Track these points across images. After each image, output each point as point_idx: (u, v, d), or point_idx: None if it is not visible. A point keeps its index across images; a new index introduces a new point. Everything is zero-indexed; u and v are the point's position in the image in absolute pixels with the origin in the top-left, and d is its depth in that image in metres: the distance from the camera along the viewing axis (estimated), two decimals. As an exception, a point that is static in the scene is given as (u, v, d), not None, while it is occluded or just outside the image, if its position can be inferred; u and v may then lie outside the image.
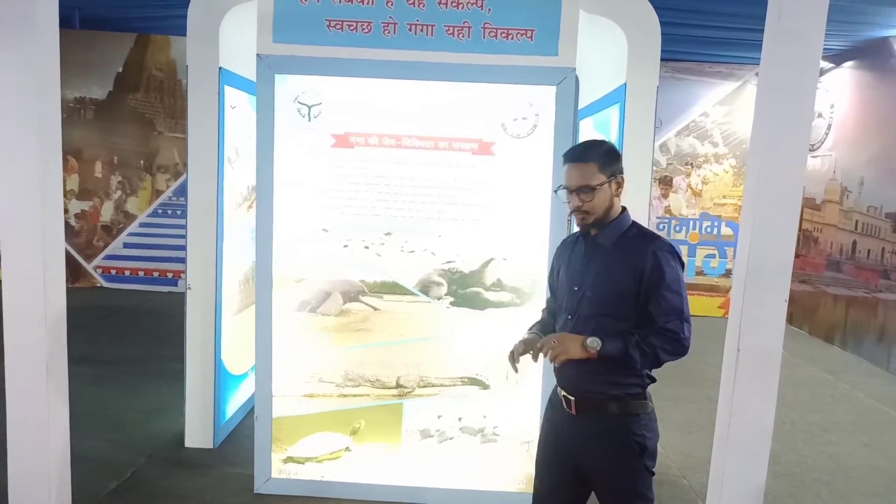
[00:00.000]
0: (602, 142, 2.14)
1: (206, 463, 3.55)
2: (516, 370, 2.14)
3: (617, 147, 2.18)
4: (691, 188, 7.97)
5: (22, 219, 2.68)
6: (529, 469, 3.14)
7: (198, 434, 3.73)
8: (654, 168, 7.62)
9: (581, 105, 4.34)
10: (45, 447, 2.77)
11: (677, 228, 7.98)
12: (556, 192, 2.14)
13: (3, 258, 2.71)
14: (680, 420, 4.54)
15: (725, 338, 2.47)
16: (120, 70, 7.69)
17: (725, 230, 7.96)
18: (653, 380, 2.08)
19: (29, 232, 2.69)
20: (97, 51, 7.56)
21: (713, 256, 7.98)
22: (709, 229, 7.98)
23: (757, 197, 2.34)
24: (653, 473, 2.07)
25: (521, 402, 3.14)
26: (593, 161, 1.99)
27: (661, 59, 3.39)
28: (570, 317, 2.07)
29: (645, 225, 3.43)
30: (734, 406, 2.42)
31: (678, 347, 1.95)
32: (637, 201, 3.44)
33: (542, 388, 3.08)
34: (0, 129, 2.64)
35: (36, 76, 2.58)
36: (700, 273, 7.99)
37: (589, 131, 4.27)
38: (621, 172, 2.05)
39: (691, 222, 7.98)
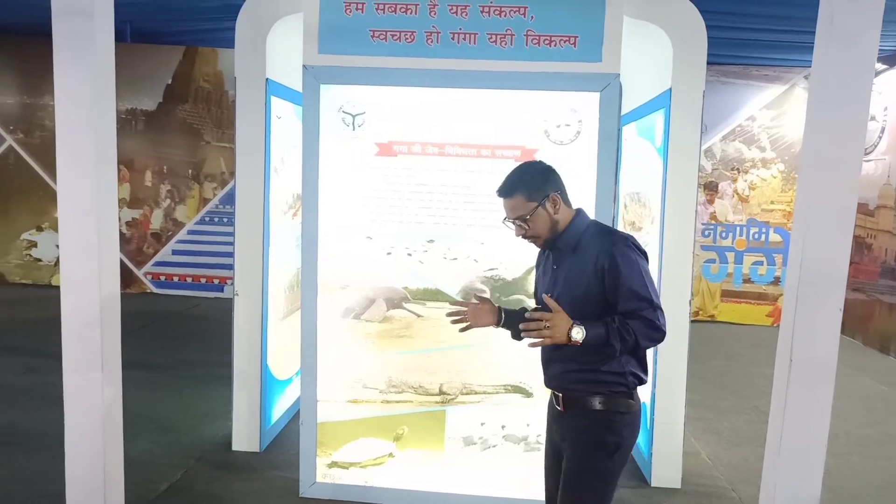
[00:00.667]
0: (526, 168, 2.17)
1: (252, 467, 3.62)
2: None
3: (542, 165, 2.18)
4: (738, 194, 7.80)
5: (79, 226, 2.78)
6: (573, 478, 3.12)
7: (245, 438, 3.80)
8: (700, 173, 7.48)
9: (624, 111, 4.30)
10: (100, 449, 2.86)
11: (723, 235, 7.82)
12: (503, 222, 2.16)
13: (62, 264, 2.81)
14: (728, 431, 4.43)
15: (777, 347, 2.40)
16: (169, 82, 7.92)
17: (774, 237, 7.76)
18: (640, 381, 2.08)
19: (86, 238, 2.78)
20: (148, 63, 7.80)
21: (761, 263, 7.79)
22: (756, 236, 7.79)
23: (809, 205, 2.27)
24: (618, 474, 2.10)
25: (564, 411, 3.11)
26: (519, 193, 2.06)
27: (707, 63, 3.33)
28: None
29: (690, 232, 3.40)
30: (787, 418, 2.35)
31: (656, 334, 1.97)
32: (682, 208, 3.40)
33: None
34: (60, 140, 2.75)
35: (94, 89, 2.68)
36: (747, 280, 7.81)
37: (632, 137, 4.23)
38: (555, 190, 2.08)
39: (738, 228, 7.80)
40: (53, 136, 2.72)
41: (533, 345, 2.02)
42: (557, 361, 2.10)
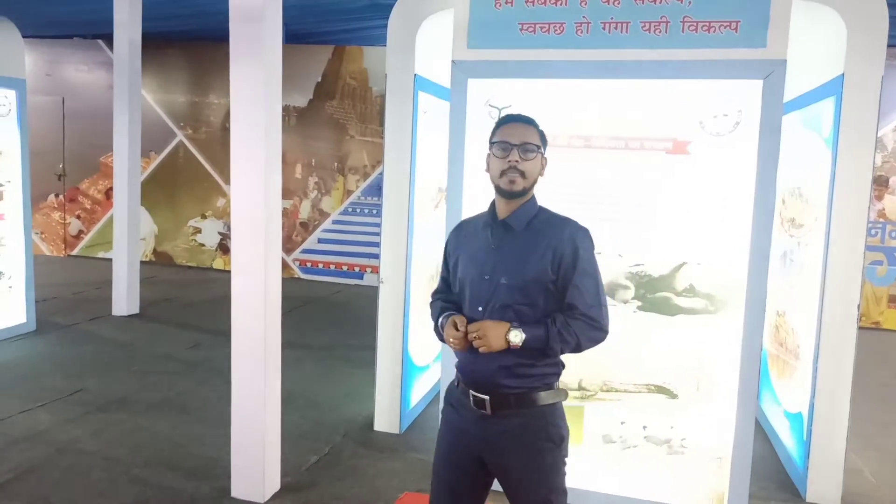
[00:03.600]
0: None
1: (393, 447, 3.77)
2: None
3: None
4: (912, 189, 7.03)
5: (249, 216, 3.03)
6: (720, 485, 2.99)
7: (385, 419, 3.97)
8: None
9: (784, 99, 4.01)
10: (262, 421, 3.11)
11: (893, 234, 7.08)
12: (490, 147, 1.97)
13: (233, 250, 3.08)
14: (892, 448, 4.03)
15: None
16: (319, 80, 8.38)
17: (955, 237, 6.93)
18: (564, 366, 1.99)
19: (254, 228, 3.03)
20: (300, 63, 8.29)
21: (938, 267, 6.98)
22: (933, 236, 6.99)
23: None
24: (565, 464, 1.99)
25: (712, 415, 2.98)
26: (535, 128, 1.97)
27: (887, 46, 3.03)
28: (481, 308, 1.91)
29: (862, 231, 3.12)
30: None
31: (599, 335, 1.92)
32: (855, 203, 3.13)
33: (738, 401, 2.90)
34: (235, 135, 3.00)
35: (264, 88, 2.91)
36: (922, 285, 7.03)
37: (794, 128, 3.93)
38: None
39: (911, 227, 7.04)
40: (217, 132, 3.00)
41: (483, 351, 1.86)
42: (485, 358, 1.89)
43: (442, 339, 2.04)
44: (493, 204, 2.01)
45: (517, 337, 1.83)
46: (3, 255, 5.55)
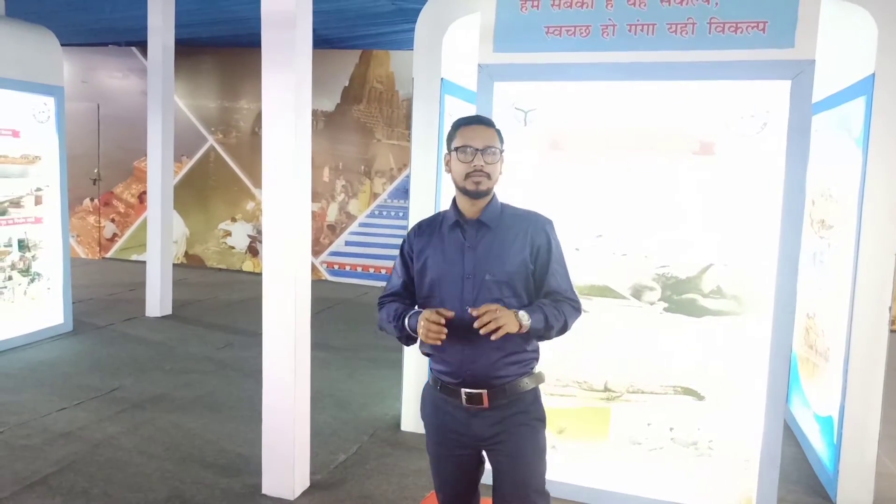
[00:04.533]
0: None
1: (420, 447, 3.81)
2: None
3: None
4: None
5: (280, 218, 3.10)
6: (748, 488, 2.97)
7: (412, 419, 4.01)
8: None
9: (813, 99, 3.97)
10: (292, 420, 3.18)
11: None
12: (451, 152, 1.99)
13: (265, 253, 3.15)
14: (931, 455, 3.96)
15: None
16: (346, 84, 8.49)
17: None
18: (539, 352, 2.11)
19: (285, 231, 3.10)
20: (328, 67, 8.41)
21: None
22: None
23: None
24: None
25: (740, 417, 2.97)
26: (494, 130, 2.01)
27: (920, 44, 2.99)
28: (469, 307, 1.87)
29: (893, 231, 3.07)
30: None
31: (579, 314, 2.06)
32: (886, 203, 3.09)
33: (766, 404, 2.88)
34: (266, 139, 3.07)
35: (295, 92, 2.97)
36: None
37: (824, 128, 3.89)
38: None
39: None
40: (247, 136, 3.07)
41: (496, 337, 1.83)
42: (482, 352, 1.93)
43: (401, 339, 2.04)
44: (454, 204, 2.04)
45: (526, 318, 1.88)
46: (42, 257, 5.72)
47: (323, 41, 8.51)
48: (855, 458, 3.23)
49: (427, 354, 2.08)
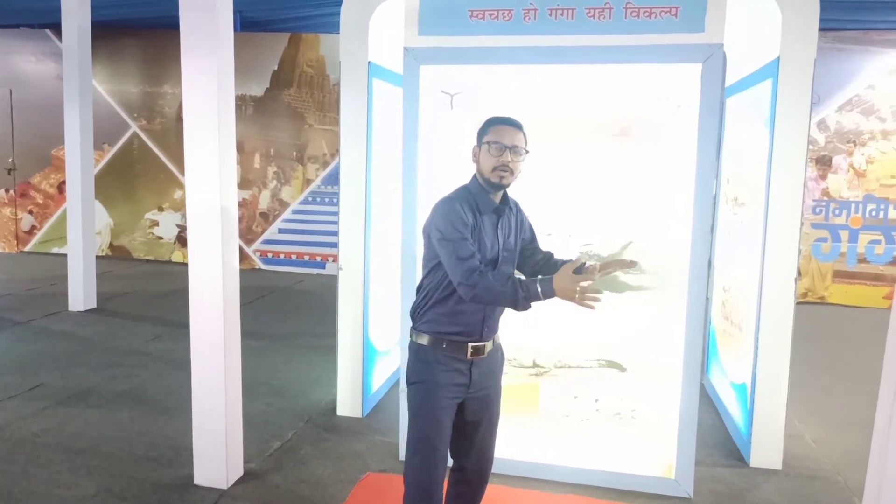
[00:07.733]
0: None
1: (356, 430, 3.84)
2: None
3: None
4: (853, 168, 7.33)
5: (205, 206, 3.04)
6: (669, 454, 3.13)
7: (348, 404, 4.03)
8: (811, 147, 7.08)
9: (728, 83, 4.16)
10: (223, 409, 3.14)
11: (836, 212, 7.38)
12: (482, 145, 2.24)
13: (190, 241, 3.09)
14: (836, 414, 4.25)
15: (889, 329, 2.30)
16: (276, 68, 8.32)
17: (893, 213, 7.25)
18: None
19: (211, 218, 3.04)
20: (256, 51, 8.22)
21: (878, 242, 7.30)
22: (874, 213, 7.30)
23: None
24: None
25: (660, 387, 3.12)
26: (523, 132, 2.26)
27: (820, 30, 3.17)
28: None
29: (797, 208, 3.27)
30: (898, 399, 2.25)
31: None
32: (789, 183, 3.28)
33: (683, 373, 3.04)
34: (188, 126, 3.00)
35: (216, 78, 2.91)
36: (863, 260, 7.35)
37: (737, 110, 4.08)
38: None
39: (853, 205, 7.34)
40: (172, 122, 3.00)
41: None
42: (492, 313, 2.31)
43: (516, 303, 2.10)
44: (482, 190, 2.27)
45: None
46: (-47, 251, 5.42)
47: (250, 23, 8.31)
48: (766, 421, 3.44)
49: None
